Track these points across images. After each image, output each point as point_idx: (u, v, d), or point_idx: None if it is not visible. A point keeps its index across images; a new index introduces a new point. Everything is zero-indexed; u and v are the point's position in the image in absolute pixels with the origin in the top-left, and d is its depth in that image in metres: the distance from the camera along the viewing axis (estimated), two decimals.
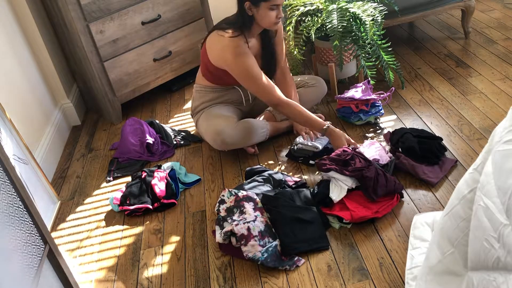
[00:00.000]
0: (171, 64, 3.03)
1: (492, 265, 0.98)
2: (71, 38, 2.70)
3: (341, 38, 2.39)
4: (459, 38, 3.12)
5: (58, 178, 2.53)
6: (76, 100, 3.05)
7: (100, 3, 2.60)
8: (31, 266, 1.36)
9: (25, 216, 1.42)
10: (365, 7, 2.43)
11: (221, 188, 2.20)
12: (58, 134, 2.77)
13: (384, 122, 2.44)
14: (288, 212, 1.85)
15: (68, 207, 2.30)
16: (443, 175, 1.99)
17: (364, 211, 1.82)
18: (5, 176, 1.38)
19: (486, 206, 0.99)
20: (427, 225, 1.66)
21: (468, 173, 1.11)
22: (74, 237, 2.11)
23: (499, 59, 2.77)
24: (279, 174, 2.12)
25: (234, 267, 1.77)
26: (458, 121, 2.32)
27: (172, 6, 2.90)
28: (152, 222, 2.08)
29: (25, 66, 2.59)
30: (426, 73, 2.79)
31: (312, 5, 2.57)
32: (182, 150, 2.55)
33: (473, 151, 2.11)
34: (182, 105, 3.01)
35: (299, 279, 1.67)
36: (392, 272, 1.62)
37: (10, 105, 2.26)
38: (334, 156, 1.99)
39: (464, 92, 2.54)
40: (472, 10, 2.98)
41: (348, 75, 2.75)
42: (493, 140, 1.05)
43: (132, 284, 1.80)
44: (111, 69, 2.75)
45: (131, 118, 2.60)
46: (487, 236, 0.98)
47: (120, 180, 2.40)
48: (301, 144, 2.24)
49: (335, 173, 1.92)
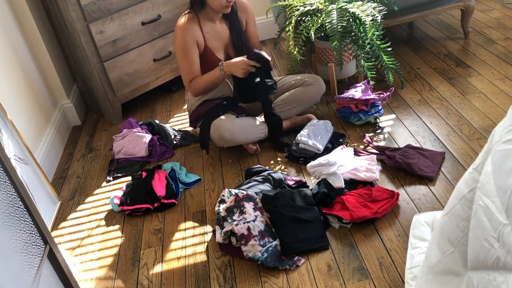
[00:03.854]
0: (171, 64, 3.03)
1: (492, 265, 0.98)
2: (71, 38, 2.70)
3: (341, 38, 2.40)
4: (458, 38, 3.12)
5: (59, 178, 2.53)
6: (76, 100, 3.05)
7: (100, 3, 2.60)
8: (31, 266, 1.37)
9: (25, 216, 1.42)
10: (364, 7, 2.43)
11: (221, 188, 2.20)
12: (58, 134, 2.77)
13: (383, 122, 2.44)
14: (288, 212, 1.85)
15: (68, 207, 2.30)
16: (437, 168, 2.02)
17: (364, 211, 1.82)
18: (5, 176, 1.38)
19: (485, 206, 0.99)
20: (427, 224, 1.66)
21: (468, 172, 1.11)
22: (75, 235, 2.11)
23: (498, 59, 2.77)
24: (279, 173, 2.12)
25: (234, 267, 1.78)
26: (458, 121, 2.32)
27: (172, 6, 2.90)
28: (152, 222, 2.08)
29: (25, 67, 2.59)
30: (426, 73, 2.80)
31: (312, 5, 2.57)
32: (182, 150, 2.55)
33: (473, 150, 2.11)
34: (182, 105, 3.01)
35: (299, 279, 1.67)
36: (392, 272, 1.63)
37: (10, 106, 2.26)
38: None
39: (463, 92, 2.54)
40: (471, 10, 2.98)
41: (348, 75, 2.75)
42: (492, 139, 1.05)
43: (132, 284, 1.80)
44: (111, 69, 2.76)
45: (123, 125, 2.61)
46: (487, 235, 0.98)
47: (120, 180, 2.40)
48: (303, 144, 2.24)
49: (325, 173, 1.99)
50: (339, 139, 2.34)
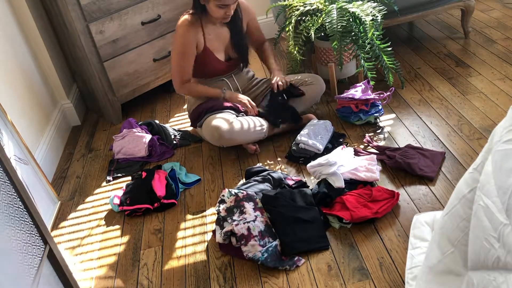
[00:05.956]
0: (171, 64, 3.02)
1: (492, 265, 0.98)
2: (71, 38, 2.70)
3: (341, 38, 2.39)
4: (459, 38, 3.12)
5: (58, 178, 2.53)
6: (76, 100, 3.05)
7: (100, 3, 2.60)
8: (31, 266, 1.36)
9: (25, 217, 1.42)
10: (364, 7, 2.43)
11: (221, 188, 2.20)
12: (58, 134, 2.77)
13: (384, 121, 2.44)
14: (288, 212, 1.85)
15: (68, 207, 2.30)
16: (437, 168, 2.02)
17: (364, 211, 1.82)
18: (5, 176, 1.38)
19: (486, 206, 0.99)
20: (427, 224, 1.66)
21: (468, 172, 1.11)
22: (75, 235, 2.11)
23: (499, 59, 2.77)
24: (278, 173, 2.12)
25: (234, 267, 1.77)
26: (458, 121, 2.32)
27: (172, 6, 2.90)
28: (152, 222, 2.08)
29: (25, 67, 2.59)
30: (426, 73, 2.79)
31: (312, 5, 2.57)
32: (182, 150, 2.55)
33: (473, 150, 2.11)
34: (182, 105, 3.01)
35: (299, 279, 1.67)
36: (392, 272, 1.62)
37: (10, 106, 2.26)
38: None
39: (464, 91, 2.54)
40: (471, 9, 2.98)
41: (348, 75, 2.75)
42: (493, 139, 1.05)
43: (132, 284, 1.80)
44: (111, 69, 2.75)
45: (123, 125, 2.61)
46: (487, 235, 0.98)
47: (120, 180, 2.40)
48: (303, 144, 2.24)
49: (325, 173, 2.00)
50: (339, 139, 2.34)
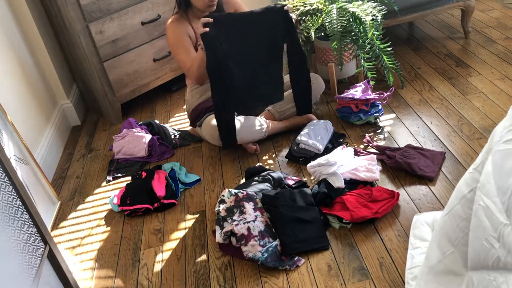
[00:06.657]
0: (171, 64, 3.03)
1: (492, 265, 0.98)
2: (71, 38, 2.70)
3: (341, 38, 2.39)
4: (459, 38, 3.12)
5: (58, 178, 2.53)
6: (76, 100, 3.05)
7: (100, 3, 2.60)
8: (31, 266, 1.36)
9: (25, 217, 1.42)
10: (364, 7, 2.42)
11: (221, 188, 2.20)
12: (58, 135, 2.77)
13: (384, 121, 2.44)
14: (288, 212, 1.85)
15: (68, 207, 2.30)
16: (437, 168, 2.02)
17: (364, 211, 1.82)
18: (5, 176, 1.38)
19: (486, 206, 0.99)
20: (427, 224, 1.66)
21: (468, 172, 1.11)
22: (75, 235, 2.11)
23: (499, 59, 2.77)
24: (278, 173, 2.12)
25: (234, 267, 1.77)
26: (458, 121, 2.32)
27: (172, 6, 2.90)
28: (152, 222, 2.08)
29: (25, 67, 2.59)
30: (426, 73, 2.79)
31: (312, 5, 2.57)
32: (182, 150, 2.55)
33: (473, 150, 2.11)
34: (182, 105, 3.01)
35: (299, 279, 1.67)
36: (392, 272, 1.62)
37: (10, 106, 2.26)
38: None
39: (464, 91, 2.54)
40: (472, 9, 2.98)
41: (348, 75, 2.75)
42: (493, 139, 1.05)
43: (132, 284, 1.80)
44: (111, 69, 2.75)
45: (123, 125, 2.61)
46: (487, 235, 0.98)
47: (120, 180, 2.40)
48: (303, 144, 2.24)
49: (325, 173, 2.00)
50: (339, 139, 2.34)
